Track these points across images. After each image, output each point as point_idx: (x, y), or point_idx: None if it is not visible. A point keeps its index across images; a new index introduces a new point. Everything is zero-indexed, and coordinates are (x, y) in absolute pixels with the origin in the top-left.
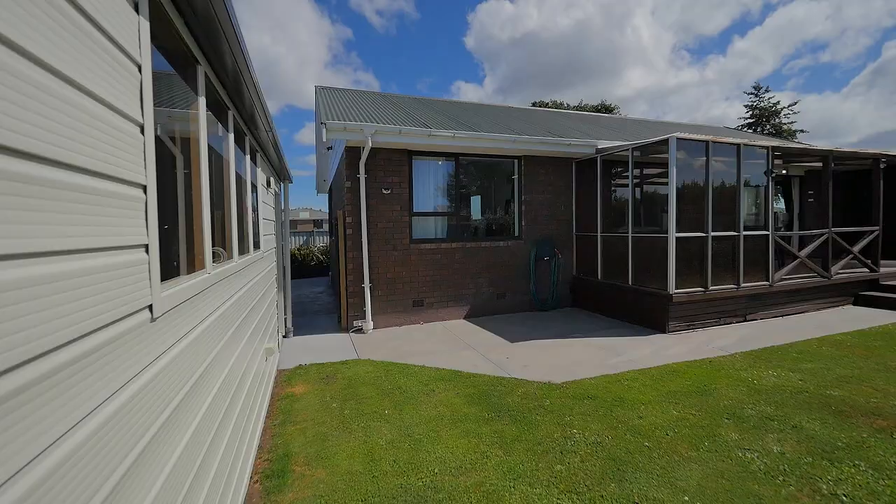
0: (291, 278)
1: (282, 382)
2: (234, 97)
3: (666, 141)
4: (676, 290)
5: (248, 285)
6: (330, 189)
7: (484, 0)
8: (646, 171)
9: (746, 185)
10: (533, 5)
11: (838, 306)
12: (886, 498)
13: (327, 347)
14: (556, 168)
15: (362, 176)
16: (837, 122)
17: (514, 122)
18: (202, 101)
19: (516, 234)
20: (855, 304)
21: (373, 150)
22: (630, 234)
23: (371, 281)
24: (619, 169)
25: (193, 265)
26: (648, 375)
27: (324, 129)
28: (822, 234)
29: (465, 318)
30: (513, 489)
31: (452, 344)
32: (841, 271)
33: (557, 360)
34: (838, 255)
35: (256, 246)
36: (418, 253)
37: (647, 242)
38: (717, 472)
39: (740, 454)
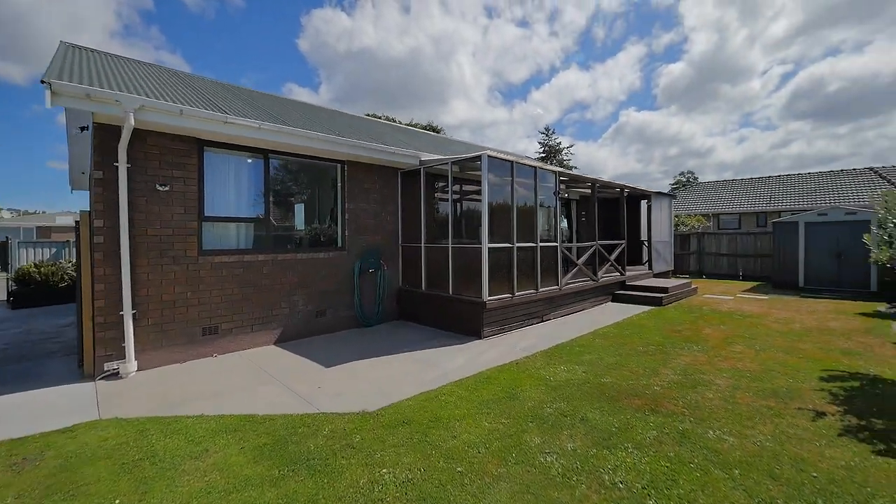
0: (26, 306)
1: None
2: None
3: (479, 157)
4: (490, 298)
5: None
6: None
7: (318, 6)
8: (464, 187)
9: (541, 205)
10: (369, 22)
11: (603, 303)
12: (648, 476)
13: (46, 408)
14: (383, 177)
15: (122, 165)
16: (596, 164)
17: (339, 126)
18: None
19: (339, 244)
20: (613, 301)
21: (142, 132)
22: (450, 245)
23: (136, 306)
24: (442, 183)
25: None
26: (464, 387)
27: (48, 93)
28: (592, 246)
29: (275, 342)
30: None
31: (252, 378)
32: (604, 275)
33: (377, 382)
34: (602, 262)
35: None
36: (212, 267)
37: (464, 253)
38: (523, 487)
39: (542, 459)
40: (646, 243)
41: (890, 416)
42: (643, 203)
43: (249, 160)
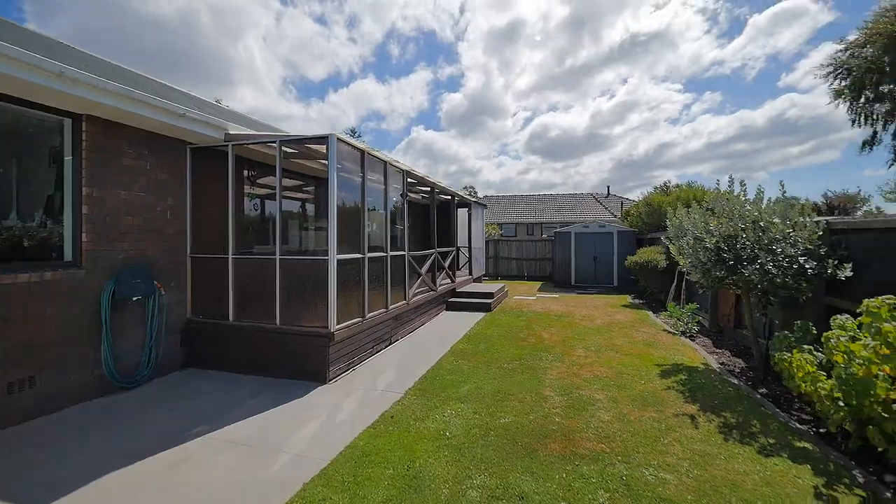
0: None
1: None
2: None
3: (325, 138)
4: (338, 326)
5: None
6: None
7: None
8: (291, 181)
9: (390, 207)
10: None
11: (439, 313)
12: None
13: None
14: (160, 153)
15: None
16: None
17: (75, 62)
18: None
19: (70, 256)
20: (447, 309)
21: None
22: (278, 257)
23: None
24: (260, 171)
25: None
26: (336, 483)
27: None
28: (431, 254)
29: None
30: None
31: None
32: (441, 284)
33: None
34: (439, 270)
35: None
36: None
37: (301, 267)
38: None
39: None
40: (463, 249)
41: (727, 405)
42: (462, 211)
43: None
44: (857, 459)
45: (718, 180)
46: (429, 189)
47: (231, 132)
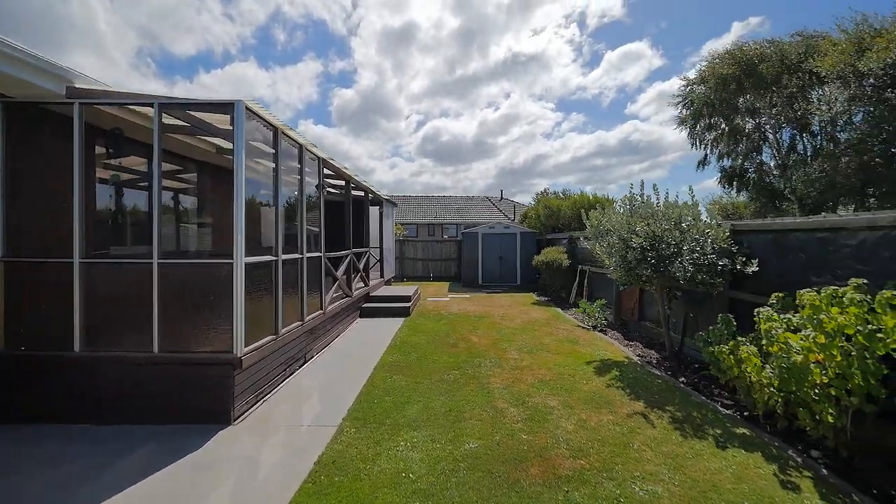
0: None
1: None
2: None
3: (230, 105)
4: (246, 349)
5: None
6: None
7: None
8: (166, 165)
9: (306, 200)
10: None
11: (354, 321)
12: None
13: None
14: None
15: None
16: None
17: None
18: None
19: None
20: (361, 316)
21: None
22: (157, 261)
23: None
24: (114, 148)
25: None
26: None
27: None
28: (347, 256)
29: None
30: None
31: None
32: (356, 288)
33: None
34: (354, 273)
35: None
36: None
37: (191, 275)
38: None
39: None
40: (374, 250)
41: (666, 398)
42: (374, 209)
43: None
44: (784, 438)
45: (637, 183)
46: (343, 183)
47: (79, 84)
